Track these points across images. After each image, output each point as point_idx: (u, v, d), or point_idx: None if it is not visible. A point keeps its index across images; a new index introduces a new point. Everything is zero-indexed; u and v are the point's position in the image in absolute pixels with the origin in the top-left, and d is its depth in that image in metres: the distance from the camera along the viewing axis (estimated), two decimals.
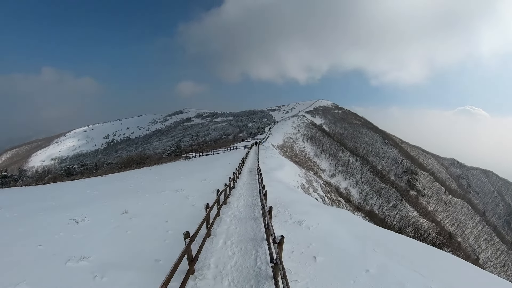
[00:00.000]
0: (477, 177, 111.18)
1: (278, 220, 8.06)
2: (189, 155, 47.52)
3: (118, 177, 30.02)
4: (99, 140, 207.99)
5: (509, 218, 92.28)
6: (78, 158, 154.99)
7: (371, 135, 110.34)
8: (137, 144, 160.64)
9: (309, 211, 9.40)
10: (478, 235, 72.63)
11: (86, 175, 43.65)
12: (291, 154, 60.77)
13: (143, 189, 15.30)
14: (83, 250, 6.39)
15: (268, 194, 11.84)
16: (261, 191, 8.96)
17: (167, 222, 8.33)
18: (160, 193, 12.92)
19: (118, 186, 20.25)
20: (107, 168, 54.09)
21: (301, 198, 12.24)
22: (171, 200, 11.23)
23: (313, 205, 10.99)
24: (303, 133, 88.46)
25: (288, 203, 10.40)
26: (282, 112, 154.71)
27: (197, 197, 11.27)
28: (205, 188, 13.30)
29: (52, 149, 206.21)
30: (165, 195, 12.30)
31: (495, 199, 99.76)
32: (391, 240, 8.34)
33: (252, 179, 16.45)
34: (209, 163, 27.65)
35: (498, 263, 64.15)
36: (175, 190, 13.02)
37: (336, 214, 9.88)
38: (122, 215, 10.05)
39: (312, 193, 25.82)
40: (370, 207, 66.58)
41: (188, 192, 12.38)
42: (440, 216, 76.80)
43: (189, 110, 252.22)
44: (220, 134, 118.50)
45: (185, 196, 11.52)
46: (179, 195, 12.02)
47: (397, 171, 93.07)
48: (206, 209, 6.35)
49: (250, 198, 10.99)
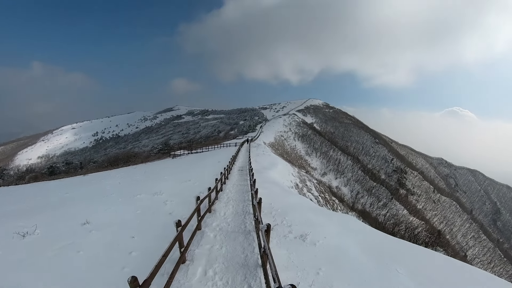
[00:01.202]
0: (464, 176, 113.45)
1: (276, 234, 6.37)
2: (178, 153, 45.24)
3: (99, 176, 27.70)
4: (88, 138, 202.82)
5: (495, 216, 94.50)
6: (65, 156, 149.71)
7: (362, 134, 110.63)
8: (126, 141, 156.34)
9: (311, 220, 7.80)
10: (465, 232, 73.77)
11: (70, 174, 41.04)
12: (283, 152, 59.43)
13: (118, 192, 13.34)
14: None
15: (262, 197, 10.14)
16: (254, 197, 7.27)
17: (133, 238, 6.52)
18: (135, 197, 11.02)
19: (94, 187, 18.07)
20: (93, 167, 51.32)
21: (299, 203, 10.63)
22: (145, 206, 9.38)
23: (314, 211, 9.39)
24: (295, 132, 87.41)
25: (286, 209, 8.76)
26: (274, 111, 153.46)
27: (177, 203, 9.44)
28: (188, 191, 11.49)
29: (39, 147, 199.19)
30: (140, 200, 10.43)
31: (482, 198, 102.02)
32: (408, 255, 6.90)
33: (243, 180, 14.76)
34: (197, 162, 25.73)
35: (485, 260, 65.38)
36: (152, 194, 11.14)
37: (342, 222, 8.33)
38: (82, 227, 8.16)
39: (307, 194, 24.42)
40: (361, 206, 66.26)
41: (167, 196, 10.53)
42: (429, 214, 77.61)
43: (179, 107, 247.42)
44: (210, 131, 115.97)
45: (162, 202, 9.67)
46: (156, 200, 10.17)
47: (387, 170, 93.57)
48: (177, 228, 4.60)
49: (240, 203, 9.27)
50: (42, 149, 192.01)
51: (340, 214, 10.30)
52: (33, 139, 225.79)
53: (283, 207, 9.08)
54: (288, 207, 9.10)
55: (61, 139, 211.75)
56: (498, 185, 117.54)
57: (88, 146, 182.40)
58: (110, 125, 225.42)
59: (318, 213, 9.20)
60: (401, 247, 7.51)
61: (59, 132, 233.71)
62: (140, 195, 11.10)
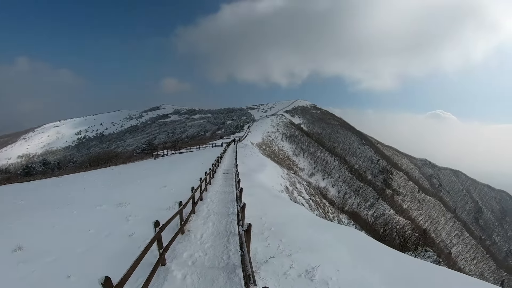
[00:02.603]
0: (448, 176, 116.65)
1: (273, 271, 4.55)
2: (160, 153, 42.66)
3: (72, 179, 24.94)
4: (71, 137, 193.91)
5: (477, 215, 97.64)
6: (47, 155, 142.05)
7: (349, 135, 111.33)
8: (111, 141, 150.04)
9: (314, 241, 6.14)
10: (449, 231, 75.42)
11: (47, 175, 37.62)
12: (270, 152, 57.97)
13: (79, 200, 11.14)
14: None
15: (252, 208, 8.36)
16: (241, 220, 5.45)
17: (69, 278, 4.58)
18: (95, 208, 8.95)
19: (57, 193, 15.56)
20: (72, 167, 47.64)
21: (294, 214, 8.95)
22: (102, 223, 7.37)
23: (314, 225, 7.73)
24: (282, 132, 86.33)
25: (281, 226, 7.03)
26: (261, 111, 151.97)
27: (142, 219, 7.47)
28: (160, 201, 9.53)
29: (19, 145, 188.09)
30: (99, 213, 8.40)
31: (464, 197, 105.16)
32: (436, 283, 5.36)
33: (228, 185, 12.93)
34: (179, 163, 23.59)
35: (469, 257, 67.07)
36: (116, 204, 9.08)
37: (351, 240, 6.72)
38: (11, 254, 6.10)
39: (297, 197, 22.89)
40: (349, 206, 65.92)
41: (132, 208, 8.53)
42: (414, 214, 78.75)
43: (166, 106, 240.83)
44: (197, 131, 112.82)
45: (125, 216, 7.66)
46: (119, 213, 8.15)
47: (374, 171, 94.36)
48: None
49: (223, 218, 7.45)
50: (22, 148, 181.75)
51: (343, 228, 8.70)
52: (13, 138, 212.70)
53: (277, 222, 7.35)
54: (283, 222, 7.39)
55: (42, 138, 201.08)
56: (480, 184, 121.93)
57: (70, 145, 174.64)
58: (94, 123, 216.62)
59: (319, 227, 7.56)
60: (429, 272, 5.98)
61: (40, 130, 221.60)
62: (101, 206, 9.03)
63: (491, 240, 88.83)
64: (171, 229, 6.07)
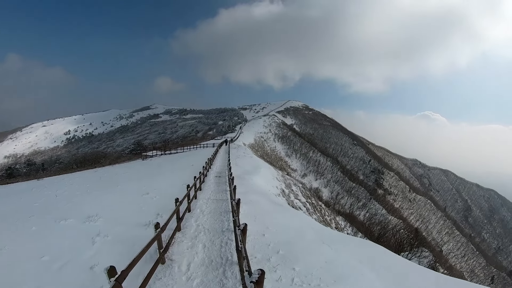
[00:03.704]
0: (437, 176, 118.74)
1: None
2: (149, 153, 40.71)
3: (51, 182, 22.67)
4: (59, 137, 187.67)
5: (466, 213, 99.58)
6: (34, 156, 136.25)
7: (340, 136, 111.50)
8: (100, 141, 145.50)
9: (334, 265, 4.78)
10: (440, 229, 76.22)
11: (31, 177, 35.09)
12: (263, 153, 56.73)
13: (44, 211, 9.33)
14: None
15: (251, 220, 6.91)
16: (244, 261, 3.87)
17: None
18: (59, 223, 7.26)
19: (23, 200, 13.46)
20: (58, 168, 44.91)
21: (301, 226, 7.59)
22: (63, 243, 5.75)
23: (328, 240, 6.39)
24: (274, 133, 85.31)
25: (290, 245, 5.64)
26: (253, 111, 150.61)
27: (112, 239, 5.93)
28: (139, 213, 8.01)
29: (6, 145, 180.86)
30: (61, 230, 6.74)
31: (454, 196, 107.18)
32: None
33: (221, 192, 11.49)
34: (167, 165, 21.85)
35: (459, 254, 67.94)
36: (85, 218, 7.43)
37: (376, 262, 5.43)
38: None
39: (294, 200, 21.64)
40: (341, 207, 65.41)
41: (102, 224, 6.94)
42: (405, 213, 79.33)
43: (157, 106, 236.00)
44: (188, 131, 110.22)
45: (92, 236, 6.04)
46: (85, 230, 6.56)
47: (365, 171, 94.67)
48: None
49: (216, 237, 6.00)
50: (9, 148, 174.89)
51: (358, 242, 7.38)
52: (0, 137, 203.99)
53: (284, 239, 5.96)
54: (290, 239, 6.01)
55: (30, 138, 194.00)
56: (468, 183, 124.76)
57: (59, 145, 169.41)
58: (84, 123, 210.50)
59: (333, 242, 6.20)
60: None
61: (28, 129, 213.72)
62: (66, 221, 7.36)
63: (481, 237, 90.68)
64: (148, 256, 4.60)
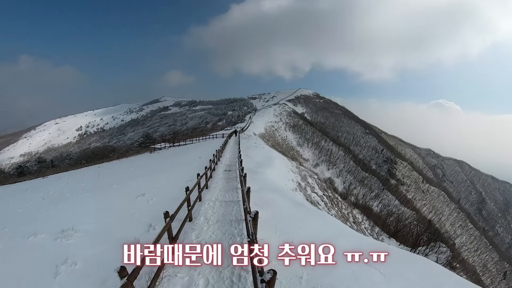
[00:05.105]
0: (451, 167, 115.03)
1: None
2: (158, 146, 41.35)
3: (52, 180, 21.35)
4: (72, 133, 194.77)
5: (480, 206, 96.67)
6: (48, 152, 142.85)
7: (352, 124, 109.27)
8: (111, 135, 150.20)
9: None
10: (453, 221, 74.53)
11: (41, 174, 36.29)
12: (274, 143, 56.44)
13: (20, 222, 7.99)
14: None
15: (271, 231, 6.22)
16: None
17: None
18: (28, 239, 6.29)
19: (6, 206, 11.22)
20: (67, 164, 46.14)
21: (332, 236, 6.21)
22: (22, 271, 5.04)
23: (377, 262, 4.77)
24: (285, 122, 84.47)
25: (328, 270, 4.47)
26: (263, 101, 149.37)
27: (81, 268, 4.96)
28: (126, 224, 7.05)
29: (21, 144, 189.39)
30: (27, 250, 5.90)
31: (468, 188, 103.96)
32: None
33: (231, 190, 10.25)
34: (173, 158, 21.91)
35: (472, 248, 66.45)
36: (58, 233, 6.49)
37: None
38: None
39: (312, 194, 21.06)
40: (354, 197, 64.81)
41: (78, 241, 6.08)
42: (418, 204, 77.76)
43: (166, 98, 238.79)
44: (198, 122, 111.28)
45: (59, 261, 5.15)
46: (54, 251, 5.68)
47: (378, 161, 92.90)
48: None
49: (225, 260, 4.47)
50: (24, 146, 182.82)
51: (426, 267, 6.15)
52: (15, 137, 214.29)
53: (319, 268, 4.42)
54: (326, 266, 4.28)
55: (44, 135, 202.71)
56: (483, 175, 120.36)
57: (72, 142, 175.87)
58: (95, 118, 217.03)
59: (386, 267, 4.80)
60: None
61: (42, 128, 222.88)
62: (35, 237, 6.32)
63: (494, 231, 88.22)
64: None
